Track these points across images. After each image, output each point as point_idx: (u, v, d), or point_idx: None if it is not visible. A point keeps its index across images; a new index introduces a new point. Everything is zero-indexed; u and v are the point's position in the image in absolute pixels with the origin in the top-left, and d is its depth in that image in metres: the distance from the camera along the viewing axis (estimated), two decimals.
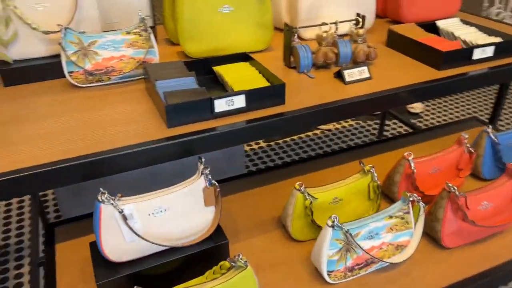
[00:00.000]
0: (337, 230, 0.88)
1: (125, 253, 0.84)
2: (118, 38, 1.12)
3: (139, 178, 1.56)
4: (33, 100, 1.03)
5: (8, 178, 0.74)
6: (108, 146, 0.83)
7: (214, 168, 1.68)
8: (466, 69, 1.20)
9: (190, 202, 0.87)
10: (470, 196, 0.99)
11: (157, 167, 1.62)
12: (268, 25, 1.30)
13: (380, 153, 1.51)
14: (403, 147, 1.48)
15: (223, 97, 0.95)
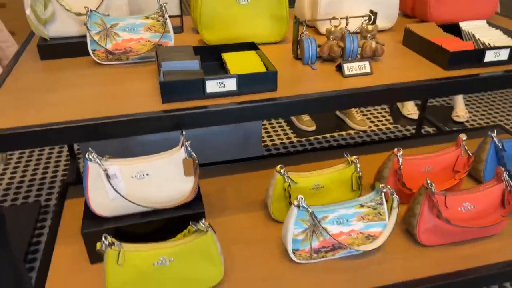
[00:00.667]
0: (302, 210, 0.92)
1: (109, 209, 0.95)
2: (138, 22, 1.24)
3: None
4: (62, 72, 1.18)
5: (36, 130, 0.89)
6: (110, 112, 0.94)
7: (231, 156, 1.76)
8: (477, 71, 1.17)
9: (171, 171, 0.96)
10: (451, 196, 0.98)
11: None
12: (283, 18, 1.36)
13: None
14: (414, 147, 1.46)
15: (215, 79, 1.02)
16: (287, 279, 0.95)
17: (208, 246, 0.87)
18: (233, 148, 1.75)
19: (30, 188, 2.08)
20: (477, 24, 1.40)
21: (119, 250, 0.83)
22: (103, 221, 0.96)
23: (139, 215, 0.97)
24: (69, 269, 0.98)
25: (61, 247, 1.04)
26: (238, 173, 1.31)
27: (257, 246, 1.04)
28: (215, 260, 0.89)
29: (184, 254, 0.86)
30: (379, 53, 1.24)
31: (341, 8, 1.43)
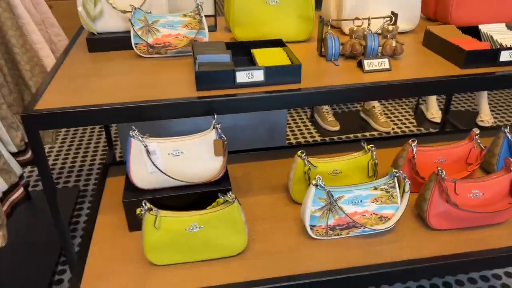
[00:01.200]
0: (320, 189, 1.01)
1: (148, 182, 1.07)
2: (177, 19, 1.37)
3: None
4: (107, 63, 1.31)
5: (85, 110, 1.02)
6: (150, 97, 1.07)
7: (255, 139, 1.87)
8: (492, 70, 1.23)
9: (203, 150, 1.07)
10: (461, 183, 1.05)
11: None
12: (310, 18, 1.46)
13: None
14: (431, 142, 1.52)
15: (244, 70, 1.13)
16: (303, 252, 1.04)
17: (234, 215, 0.98)
18: (258, 142, 1.86)
19: (70, 173, 2.24)
20: (496, 26, 1.46)
21: (156, 215, 0.94)
22: (142, 192, 1.08)
23: (173, 189, 1.09)
24: (110, 235, 1.11)
25: (103, 217, 1.17)
26: (263, 160, 1.41)
27: (278, 223, 1.13)
28: (240, 229, 0.99)
29: (213, 222, 0.97)
30: (398, 51, 1.32)
31: (365, 10, 1.51)
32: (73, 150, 2.47)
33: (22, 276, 1.53)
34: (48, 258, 1.61)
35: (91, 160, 2.35)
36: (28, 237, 1.73)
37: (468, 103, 2.97)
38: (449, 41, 1.30)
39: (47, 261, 1.59)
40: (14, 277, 1.54)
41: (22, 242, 1.69)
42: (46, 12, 1.52)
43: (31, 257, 1.61)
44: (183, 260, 1.00)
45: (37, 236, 1.75)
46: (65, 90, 1.15)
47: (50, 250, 1.64)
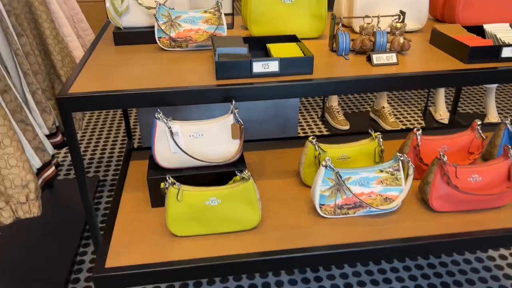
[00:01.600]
0: (329, 170, 1.09)
1: (171, 161, 1.16)
2: (198, 15, 1.46)
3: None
4: (132, 55, 1.41)
5: (113, 95, 1.12)
6: (173, 84, 1.16)
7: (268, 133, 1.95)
8: (494, 65, 1.31)
9: (221, 133, 1.16)
10: (461, 168, 1.12)
11: None
12: (322, 16, 1.54)
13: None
14: None
15: (260, 61, 1.22)
16: (312, 228, 1.12)
17: (249, 192, 1.06)
18: (271, 136, 1.94)
19: (89, 164, 2.35)
20: (500, 26, 1.53)
21: (179, 189, 1.03)
22: (165, 171, 1.17)
23: (194, 169, 1.18)
24: (134, 210, 1.20)
25: (127, 194, 1.27)
26: (276, 149, 1.50)
27: (289, 203, 1.22)
28: (255, 205, 1.08)
29: (230, 197, 1.05)
30: (406, 47, 1.40)
31: (375, 9, 1.60)
32: (94, 140, 2.58)
33: (51, 249, 1.64)
34: (72, 234, 1.71)
35: (109, 153, 2.46)
36: (53, 219, 1.83)
37: (476, 106, 3.02)
38: (454, 38, 1.38)
39: (71, 237, 1.70)
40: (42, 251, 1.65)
41: (48, 223, 1.80)
42: (75, 8, 1.63)
43: (57, 235, 1.72)
44: (202, 232, 1.08)
45: (61, 218, 1.86)
46: (94, 77, 1.25)
47: (74, 229, 1.75)
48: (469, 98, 3.15)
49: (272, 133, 1.96)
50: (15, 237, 1.75)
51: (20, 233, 1.78)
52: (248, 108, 1.93)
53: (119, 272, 0.98)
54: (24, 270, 1.58)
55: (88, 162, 2.37)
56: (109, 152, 2.47)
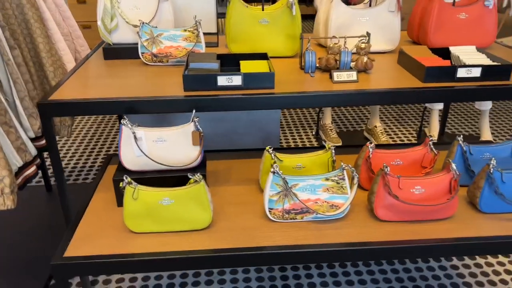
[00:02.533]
0: (277, 176, 1.18)
1: (135, 164, 1.27)
2: (178, 33, 1.59)
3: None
4: (117, 68, 1.55)
5: (94, 102, 1.24)
6: (145, 95, 1.28)
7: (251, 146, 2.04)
8: (450, 85, 1.37)
9: (182, 140, 1.26)
10: (404, 179, 1.18)
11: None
12: (296, 37, 1.65)
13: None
14: None
15: (224, 75, 1.33)
16: (260, 230, 1.20)
17: (200, 193, 1.15)
18: (253, 147, 2.03)
19: (80, 172, 2.48)
20: (466, 48, 1.60)
21: (135, 188, 1.14)
22: (130, 173, 1.27)
23: (157, 172, 1.28)
24: (102, 208, 1.31)
25: (98, 194, 1.38)
26: (245, 158, 1.59)
27: (245, 207, 1.30)
28: (206, 206, 1.17)
29: (182, 198, 1.15)
30: (369, 66, 1.48)
31: (349, 30, 1.69)
32: (90, 146, 2.73)
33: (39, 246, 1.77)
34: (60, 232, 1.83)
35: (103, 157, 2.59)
36: (47, 222, 1.97)
37: (473, 128, 3.04)
38: (414, 58, 1.45)
39: (58, 235, 1.82)
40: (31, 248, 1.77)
41: (43, 225, 1.93)
42: (73, 26, 1.79)
43: (47, 233, 1.85)
44: (156, 230, 1.18)
45: (54, 218, 1.99)
46: (78, 86, 1.38)
47: (63, 228, 1.87)
48: (463, 119, 3.17)
49: (255, 145, 2.05)
50: (4, 233, 1.90)
51: (14, 230, 1.92)
52: (233, 121, 2.03)
53: (74, 261, 1.09)
54: (10, 265, 1.70)
55: (79, 170, 2.51)
56: (102, 156, 2.61)
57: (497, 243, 1.17)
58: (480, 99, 1.40)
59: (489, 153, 1.36)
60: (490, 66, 1.37)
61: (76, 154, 2.68)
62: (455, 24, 1.71)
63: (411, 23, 1.85)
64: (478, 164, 1.34)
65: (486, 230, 1.20)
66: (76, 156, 2.66)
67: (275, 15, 1.62)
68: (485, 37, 1.74)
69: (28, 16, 1.52)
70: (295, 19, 1.62)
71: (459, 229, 1.20)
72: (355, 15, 1.69)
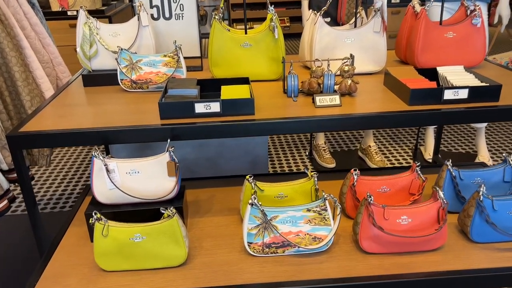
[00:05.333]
0: (255, 208, 1.12)
1: (108, 197, 1.21)
2: (158, 59, 1.55)
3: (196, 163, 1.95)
4: (96, 95, 1.51)
5: (56, 134, 1.20)
6: (121, 123, 1.23)
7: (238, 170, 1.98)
8: (436, 107, 1.32)
9: (157, 171, 1.21)
10: (389, 209, 1.12)
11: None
12: (280, 60, 1.61)
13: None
14: None
15: (202, 102, 1.28)
16: (239, 267, 1.13)
17: (174, 228, 1.09)
18: (241, 173, 1.98)
19: (58, 199, 2.43)
20: (453, 68, 1.55)
21: (104, 224, 1.08)
22: (103, 206, 1.22)
23: (131, 205, 1.22)
24: (75, 243, 1.25)
25: (72, 228, 1.32)
26: (228, 186, 1.53)
27: (224, 240, 1.24)
28: (180, 242, 1.10)
29: (154, 234, 1.09)
30: (353, 89, 1.44)
31: (334, 53, 1.65)
32: (70, 175, 2.67)
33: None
34: None
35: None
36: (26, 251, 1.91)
37: (470, 145, 2.98)
38: (400, 80, 1.41)
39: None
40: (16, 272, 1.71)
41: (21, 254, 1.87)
42: (54, 53, 1.76)
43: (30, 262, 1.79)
44: (128, 268, 1.12)
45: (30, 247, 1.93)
46: (52, 115, 1.34)
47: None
48: (459, 136, 3.11)
49: (243, 169, 1.99)
50: None
51: None
52: (218, 145, 1.98)
53: None
54: None
55: (61, 194, 2.45)
56: (83, 183, 2.56)
57: (491, 276, 1.11)
58: (468, 121, 1.35)
59: (480, 178, 1.30)
60: (477, 87, 1.32)
61: (56, 182, 2.63)
62: (442, 43, 1.67)
63: (398, 42, 1.81)
64: (469, 190, 1.28)
65: (479, 262, 1.14)
66: (55, 184, 2.60)
67: (258, 38, 1.58)
68: (474, 55, 1.69)
69: (3, 45, 1.49)
70: (278, 42, 1.58)
71: (450, 261, 1.13)
72: (339, 36, 1.66)
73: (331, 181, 1.58)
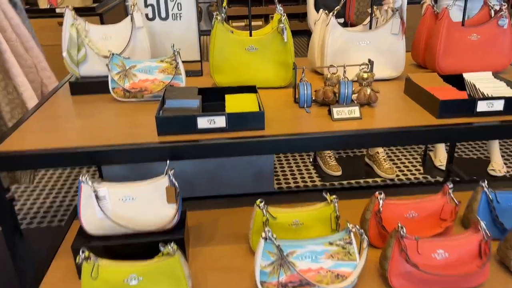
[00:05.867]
0: (269, 242, 0.96)
1: (98, 228, 1.05)
2: (154, 64, 1.39)
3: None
4: (85, 106, 1.35)
5: (52, 153, 1.04)
6: (112, 141, 1.08)
7: (242, 188, 1.83)
8: (469, 120, 1.17)
9: (155, 197, 1.05)
10: (424, 242, 0.97)
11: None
12: (288, 65, 1.45)
13: (405, 195, 1.46)
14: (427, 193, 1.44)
15: (205, 116, 1.12)
16: None
17: (175, 269, 0.94)
18: (244, 186, 1.82)
19: (55, 213, 2.26)
20: (481, 75, 1.40)
21: (94, 264, 0.92)
22: (92, 238, 1.06)
23: (125, 236, 1.06)
24: (61, 280, 1.08)
25: (57, 261, 1.16)
26: (234, 207, 1.38)
27: (232, 275, 1.08)
28: (182, 283, 0.95)
29: (152, 274, 0.93)
30: (373, 99, 1.29)
31: (348, 57, 1.50)
32: (44, 194, 2.51)
33: None
34: None
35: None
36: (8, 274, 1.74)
37: (482, 150, 2.84)
38: (426, 89, 1.26)
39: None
40: None
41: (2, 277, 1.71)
42: (38, 57, 1.59)
43: None
44: None
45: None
46: (35, 130, 1.17)
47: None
48: (473, 142, 2.98)
49: (246, 181, 1.84)
50: None
51: None
52: None
53: None
54: None
55: (48, 206, 2.28)
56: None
57: None
58: (504, 137, 1.21)
59: None
60: None
61: (43, 193, 2.46)
62: (465, 47, 1.53)
63: (415, 44, 1.67)
64: (508, 214, 1.14)
65: None
66: (42, 195, 2.43)
67: (264, 41, 1.42)
68: (500, 59, 1.55)
69: None
70: (287, 45, 1.43)
71: None
72: (353, 39, 1.50)
73: (343, 201, 1.42)
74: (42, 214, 2.23)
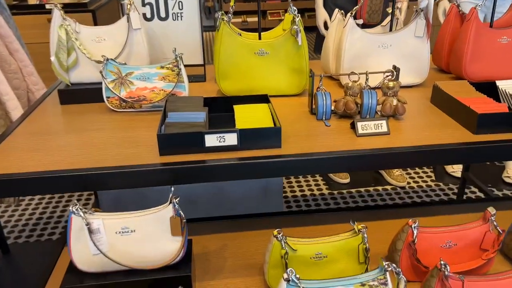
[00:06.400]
0: (293, 285, 0.83)
1: (91, 265, 0.91)
2: (153, 71, 1.24)
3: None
4: (76, 118, 1.20)
5: (36, 177, 0.89)
6: (112, 163, 0.94)
7: (249, 206, 1.69)
8: (508, 137, 1.04)
9: (157, 229, 0.91)
10: (470, 281, 0.84)
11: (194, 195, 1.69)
12: (303, 71, 1.31)
13: (428, 215, 1.34)
14: (446, 214, 1.31)
15: (214, 133, 0.98)
16: None
17: None
18: (251, 201, 1.68)
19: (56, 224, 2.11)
20: None
21: None
22: (85, 276, 0.91)
23: (122, 273, 0.92)
24: None
25: None
26: (243, 230, 1.24)
27: None
28: None
29: None
30: (400, 111, 1.15)
31: (366, 62, 1.36)
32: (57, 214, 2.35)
33: None
34: None
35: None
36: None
37: None
38: (459, 100, 1.13)
39: None
40: None
41: None
42: (24, 61, 1.44)
43: None
44: None
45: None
46: (19, 149, 1.03)
47: None
48: None
49: (254, 196, 1.70)
50: None
51: None
52: None
53: None
54: None
55: (38, 218, 2.13)
56: None
57: None
58: None
59: None
60: None
61: (29, 207, 2.30)
62: (495, 50, 1.40)
63: (438, 47, 1.53)
64: None
65: None
66: (29, 208, 2.28)
67: (276, 45, 1.28)
68: None
69: None
70: (301, 49, 1.28)
71: None
72: (373, 41, 1.36)
73: (364, 222, 1.28)
74: (31, 227, 2.07)
